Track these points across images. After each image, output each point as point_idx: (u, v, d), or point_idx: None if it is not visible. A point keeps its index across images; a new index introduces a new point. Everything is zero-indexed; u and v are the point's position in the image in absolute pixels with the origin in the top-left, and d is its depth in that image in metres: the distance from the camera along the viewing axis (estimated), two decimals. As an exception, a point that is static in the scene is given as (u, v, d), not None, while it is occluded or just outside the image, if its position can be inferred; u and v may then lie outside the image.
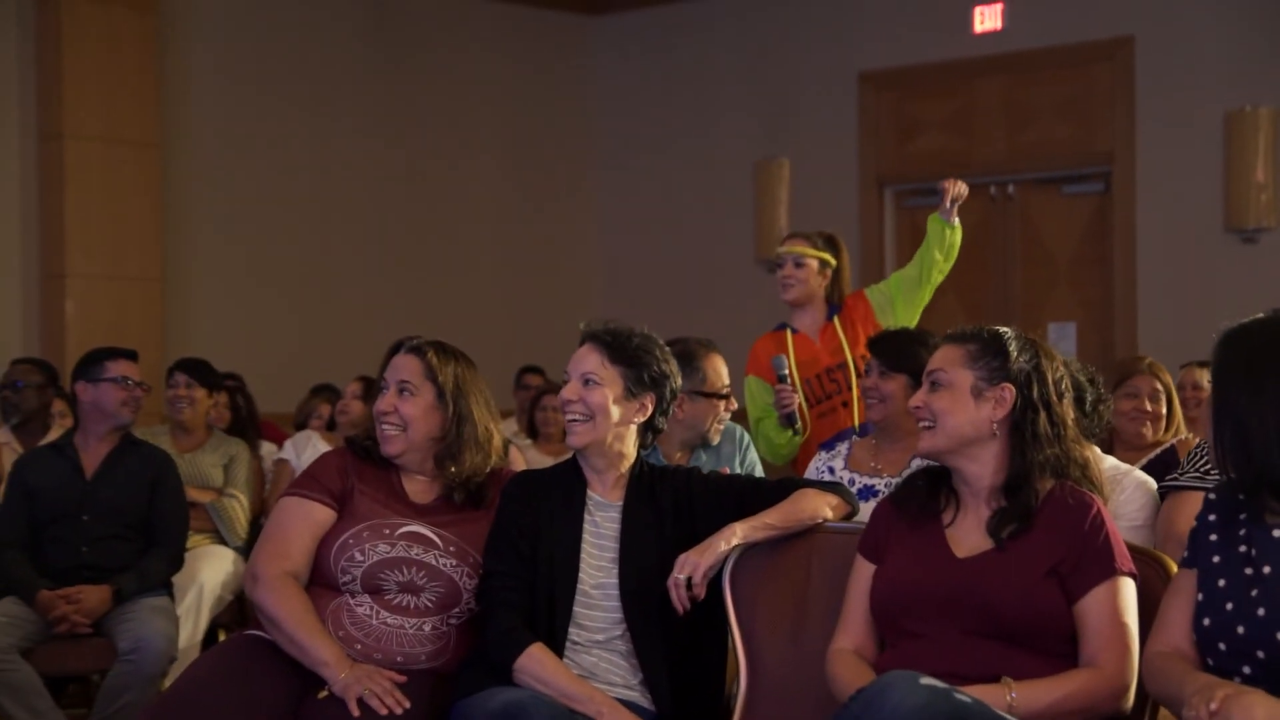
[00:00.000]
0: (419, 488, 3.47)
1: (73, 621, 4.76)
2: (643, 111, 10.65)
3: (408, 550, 3.35)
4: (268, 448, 6.97)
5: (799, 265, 5.06)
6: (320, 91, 9.95)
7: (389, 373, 3.50)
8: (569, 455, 3.49)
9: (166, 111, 9.23)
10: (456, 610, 3.37)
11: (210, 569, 5.51)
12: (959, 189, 4.96)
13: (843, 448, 4.30)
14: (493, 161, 10.59)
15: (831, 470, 4.21)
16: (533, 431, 7.23)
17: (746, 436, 4.71)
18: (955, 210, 4.98)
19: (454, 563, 3.36)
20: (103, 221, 8.85)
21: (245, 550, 5.65)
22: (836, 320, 5.07)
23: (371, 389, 5.75)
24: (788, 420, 4.86)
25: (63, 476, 5.02)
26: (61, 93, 8.80)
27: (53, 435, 5.91)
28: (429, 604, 3.35)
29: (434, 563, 3.35)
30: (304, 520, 3.38)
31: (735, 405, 4.54)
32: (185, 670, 3.37)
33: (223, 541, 5.75)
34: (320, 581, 3.37)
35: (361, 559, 3.34)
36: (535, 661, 3.17)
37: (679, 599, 3.16)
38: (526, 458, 6.07)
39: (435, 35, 10.42)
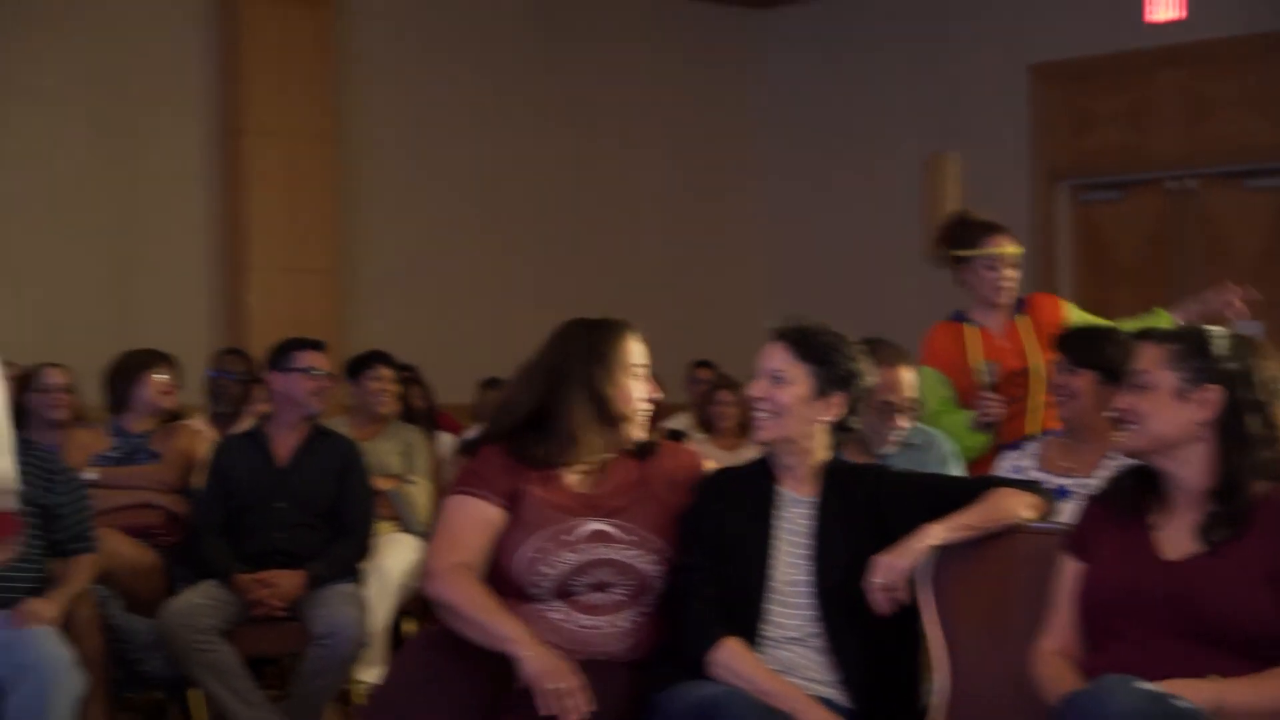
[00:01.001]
0: (575, 476, 3.44)
1: (269, 605, 4.90)
2: (810, 105, 10.62)
3: (592, 551, 3.33)
4: (444, 438, 7.08)
5: (1016, 267, 4.91)
6: (490, 84, 10.07)
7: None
8: (744, 449, 3.49)
9: (342, 105, 9.41)
10: (647, 598, 3.37)
11: (394, 556, 5.59)
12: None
13: (1033, 447, 4.24)
14: (660, 154, 10.64)
15: (1022, 470, 4.15)
16: (706, 426, 7.25)
17: (947, 446, 4.59)
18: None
19: (637, 552, 3.34)
20: (282, 215, 9.06)
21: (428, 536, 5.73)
22: (1022, 318, 4.95)
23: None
24: (985, 427, 4.72)
25: (256, 464, 5.17)
26: (242, 90, 9.02)
27: (245, 423, 6.07)
28: (621, 598, 3.35)
29: (618, 557, 3.34)
30: (475, 518, 3.36)
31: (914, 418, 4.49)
32: (386, 674, 3.40)
33: (406, 529, 5.85)
34: (507, 591, 3.34)
35: (550, 571, 3.32)
36: (730, 655, 3.19)
37: (881, 602, 3.16)
38: (702, 452, 6.08)
39: (604, 28, 10.50)
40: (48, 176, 8.38)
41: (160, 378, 5.66)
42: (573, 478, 3.42)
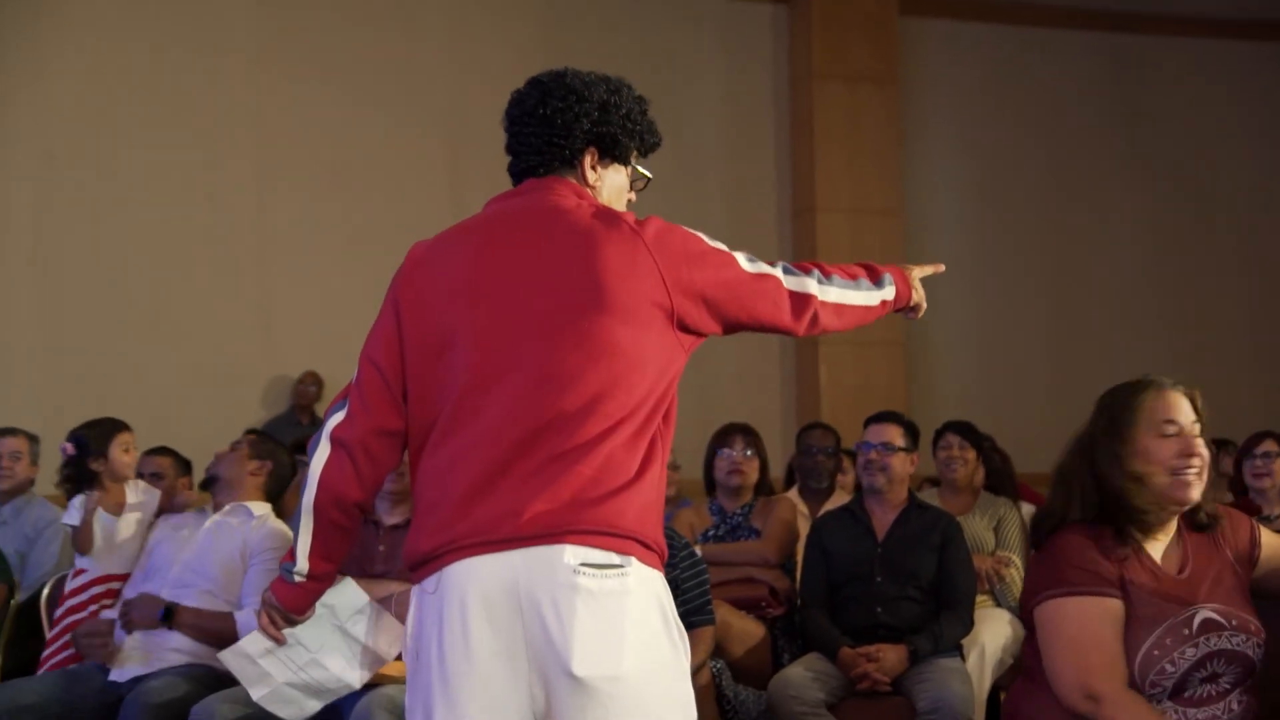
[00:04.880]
0: (1162, 555, 3.25)
1: (873, 679, 4.97)
2: None
3: (1208, 643, 3.16)
4: (1027, 508, 6.97)
5: None
6: (1057, 150, 9.95)
7: (1174, 412, 3.25)
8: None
9: (908, 179, 9.52)
10: (1250, 681, 3.19)
11: (991, 631, 5.54)
12: None
13: None
14: (1239, 207, 10.19)
15: None
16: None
17: None
18: None
19: (1243, 638, 3.16)
20: (849, 291, 9.24)
21: (1017, 610, 5.66)
22: None
23: None
24: None
25: (855, 539, 5.27)
26: (814, 168, 9.29)
27: (840, 499, 6.20)
28: (1228, 685, 3.19)
29: (1228, 646, 3.16)
30: (1110, 621, 3.14)
31: None
32: None
33: (1000, 604, 5.80)
34: None
35: (1173, 670, 3.15)
36: None
37: None
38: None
39: (1182, 82, 10.17)
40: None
41: (730, 451, 5.85)
42: (1157, 559, 3.24)
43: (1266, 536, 3.31)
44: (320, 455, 2.71)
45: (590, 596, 2.48)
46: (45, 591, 5.55)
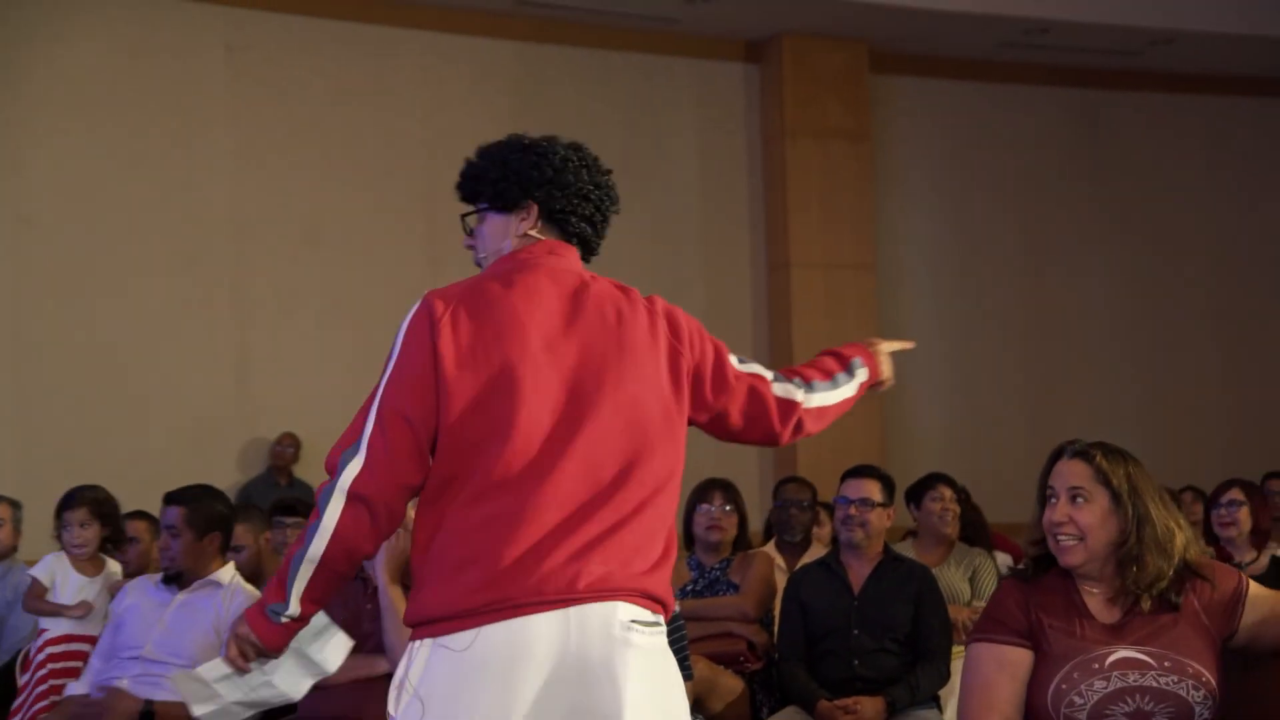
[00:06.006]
0: (1100, 604, 3.33)
1: (852, 731, 4.99)
2: None
3: (1124, 679, 3.23)
4: (1002, 558, 7.01)
5: None
6: (1028, 199, 10.05)
7: (1056, 480, 3.37)
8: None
9: (881, 234, 9.61)
10: None
11: (969, 683, 5.57)
12: None
13: None
14: (1208, 259, 10.30)
15: None
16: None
17: None
18: None
19: (1175, 679, 3.21)
20: (824, 344, 9.27)
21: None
22: None
23: None
24: None
25: (832, 593, 5.29)
26: (787, 223, 9.37)
27: (816, 551, 6.23)
28: None
29: (1155, 684, 3.22)
30: (1002, 668, 3.28)
31: None
32: None
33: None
34: None
35: (1082, 701, 3.23)
36: None
37: None
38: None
39: (1152, 135, 10.29)
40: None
41: (710, 507, 5.88)
42: (1093, 603, 3.32)
43: (1255, 591, 3.35)
44: (335, 508, 2.66)
45: (641, 654, 2.60)
46: (21, 656, 5.57)
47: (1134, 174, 10.30)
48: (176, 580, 5.02)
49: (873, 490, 5.39)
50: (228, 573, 5.05)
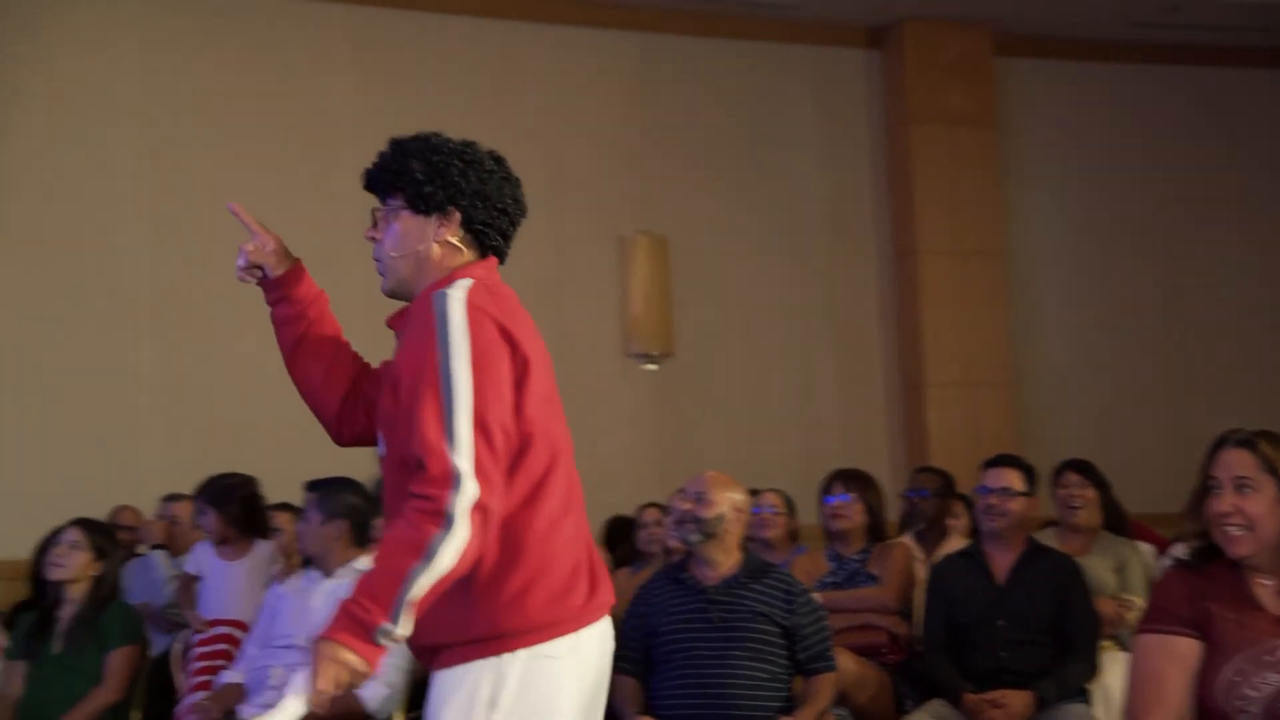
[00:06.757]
0: (1271, 595, 3.21)
1: (1002, 725, 4.91)
2: None
3: None
4: (1145, 548, 6.87)
5: None
6: (1157, 187, 9.86)
7: (1219, 470, 3.25)
8: None
9: (1009, 219, 9.48)
10: None
11: (1117, 675, 5.44)
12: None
13: None
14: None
15: None
16: None
17: None
18: None
19: None
20: (955, 332, 9.20)
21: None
22: None
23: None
24: None
25: (975, 583, 5.22)
26: (913, 211, 9.28)
27: (953, 542, 6.15)
28: None
29: None
30: (1172, 659, 3.20)
31: None
32: None
33: (1125, 648, 5.70)
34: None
35: (1256, 695, 3.13)
36: None
37: None
38: None
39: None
40: (744, 311, 8.95)
41: (829, 498, 5.84)
42: (1263, 593, 3.22)
43: None
44: (463, 527, 2.46)
45: None
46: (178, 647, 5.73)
47: (1270, 152, 10.05)
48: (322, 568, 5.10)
49: (1014, 479, 5.32)
50: (367, 561, 5.10)
